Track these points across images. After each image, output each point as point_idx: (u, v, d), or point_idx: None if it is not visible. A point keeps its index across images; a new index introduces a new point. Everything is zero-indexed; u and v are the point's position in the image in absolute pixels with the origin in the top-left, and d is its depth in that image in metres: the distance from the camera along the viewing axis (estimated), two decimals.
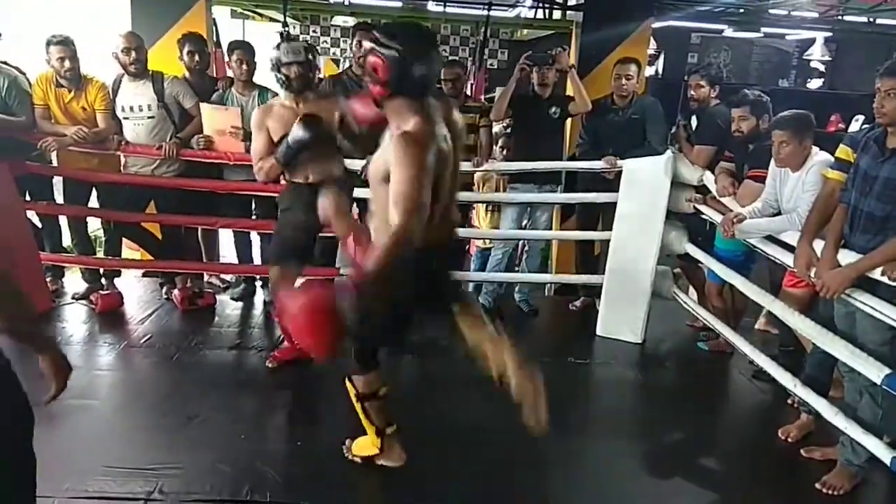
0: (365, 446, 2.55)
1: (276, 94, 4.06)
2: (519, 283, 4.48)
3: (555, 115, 4.15)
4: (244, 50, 3.96)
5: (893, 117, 2.34)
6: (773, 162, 3.11)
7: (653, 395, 3.51)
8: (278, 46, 3.07)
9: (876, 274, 2.37)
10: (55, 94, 3.81)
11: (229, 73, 4.14)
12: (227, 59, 4.03)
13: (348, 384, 2.44)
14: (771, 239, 3.14)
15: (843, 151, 2.69)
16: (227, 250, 4.60)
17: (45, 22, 3.87)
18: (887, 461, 2.41)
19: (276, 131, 3.01)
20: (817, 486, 2.61)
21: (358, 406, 2.45)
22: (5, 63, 3.83)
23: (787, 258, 2.97)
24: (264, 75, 3.90)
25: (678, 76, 7.87)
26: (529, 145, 4.15)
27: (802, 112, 3.02)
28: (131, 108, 3.83)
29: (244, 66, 3.91)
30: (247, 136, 3.84)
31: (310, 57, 3.09)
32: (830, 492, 2.59)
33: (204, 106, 3.88)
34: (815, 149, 3.00)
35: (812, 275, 2.61)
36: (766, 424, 3.14)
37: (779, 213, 3.12)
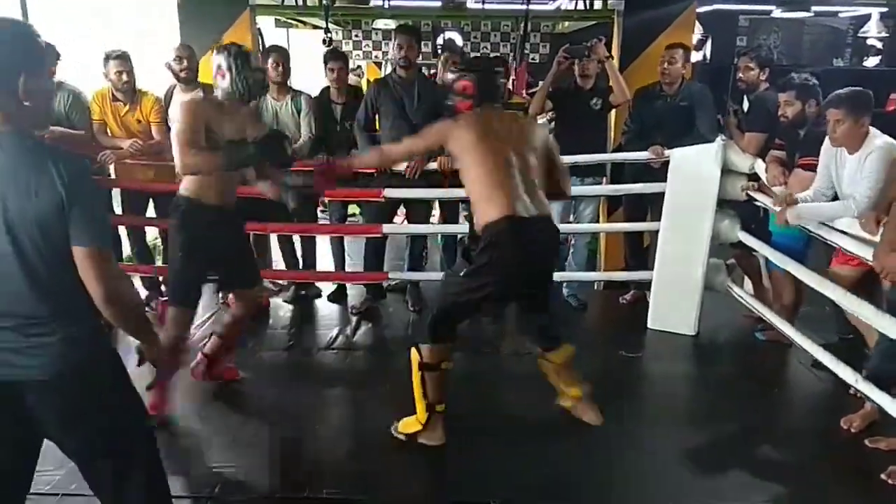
0: (410, 424, 2.68)
1: (310, 97, 4.15)
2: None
3: (596, 107, 4.11)
4: (279, 53, 4.06)
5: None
6: (825, 146, 3.01)
7: (709, 387, 3.44)
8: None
9: None
10: (111, 108, 3.98)
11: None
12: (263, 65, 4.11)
13: (413, 351, 2.57)
14: (828, 224, 3.04)
15: None
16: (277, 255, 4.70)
17: (97, 39, 4.03)
18: None
19: None
20: (883, 476, 2.52)
21: (417, 376, 2.58)
22: (65, 81, 4.01)
23: (845, 243, 2.88)
24: (304, 79, 3.99)
25: (727, 61, 7.66)
26: (571, 138, 4.10)
27: (858, 89, 2.91)
28: None
29: (279, 69, 3.99)
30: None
31: None
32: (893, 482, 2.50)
33: None
34: (873, 130, 2.89)
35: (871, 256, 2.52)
36: (828, 414, 3.05)
37: (834, 199, 3.02)
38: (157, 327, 1.78)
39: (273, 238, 4.56)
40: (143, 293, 4.30)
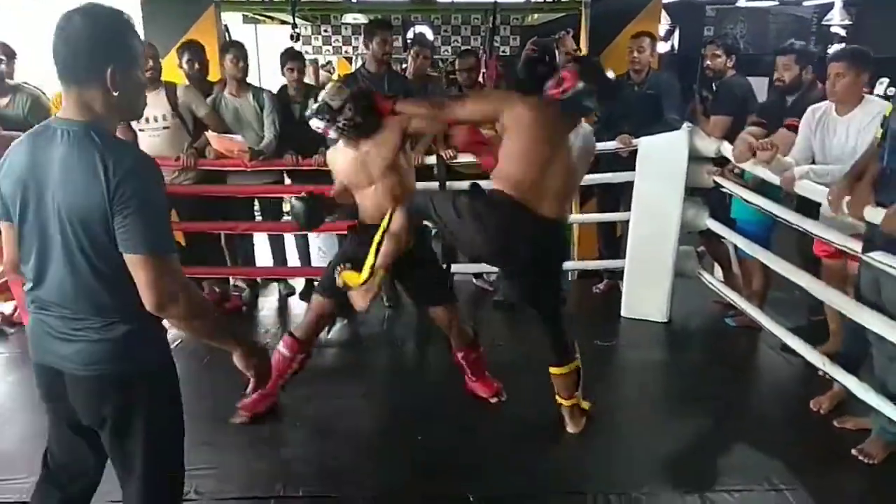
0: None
1: (270, 93, 4.11)
2: None
3: None
4: (237, 49, 4.00)
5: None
6: (808, 113, 3.04)
7: (682, 372, 3.49)
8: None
9: None
10: None
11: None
12: (221, 60, 4.07)
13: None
14: (796, 208, 3.08)
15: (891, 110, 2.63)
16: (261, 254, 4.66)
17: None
18: None
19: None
20: (853, 451, 2.58)
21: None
22: (26, 83, 3.92)
23: (813, 227, 2.92)
24: (272, 76, 3.94)
25: (694, 51, 7.72)
26: None
27: (861, 46, 2.96)
28: (147, 120, 3.85)
29: (239, 65, 3.95)
30: (252, 156, 3.88)
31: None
32: (866, 460, 2.56)
33: (211, 135, 3.90)
34: (867, 96, 2.94)
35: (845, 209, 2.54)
36: (798, 396, 3.11)
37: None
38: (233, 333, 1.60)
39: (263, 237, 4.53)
40: None
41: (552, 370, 2.76)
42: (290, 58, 4.15)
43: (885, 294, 2.51)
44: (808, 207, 3.00)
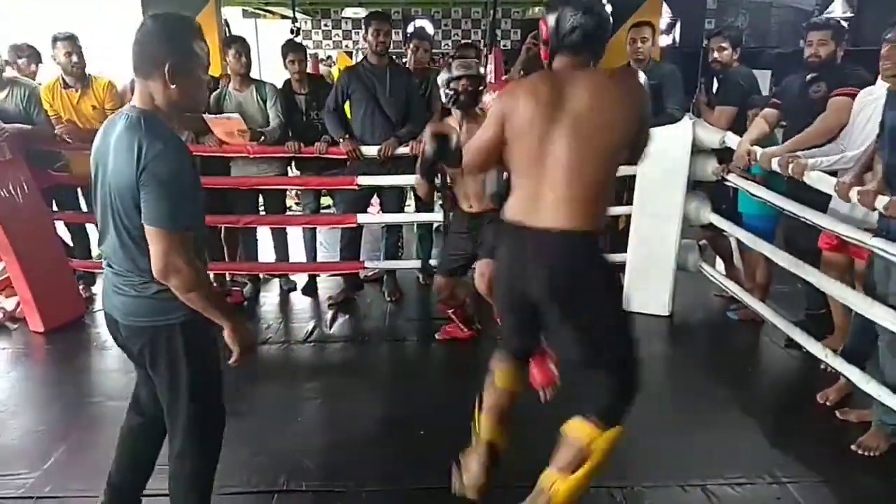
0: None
1: (273, 85, 4.11)
2: None
3: None
4: (240, 44, 4.00)
5: None
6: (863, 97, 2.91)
7: (684, 366, 3.49)
8: (448, 66, 3.20)
9: None
10: (63, 97, 3.92)
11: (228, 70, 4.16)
12: (224, 55, 4.08)
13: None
14: (798, 199, 3.06)
15: None
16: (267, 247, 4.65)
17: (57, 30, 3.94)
18: None
19: None
20: (853, 447, 2.58)
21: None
22: (18, 78, 3.93)
23: (817, 219, 2.92)
24: (270, 70, 3.92)
25: (696, 44, 7.72)
26: None
27: None
28: None
29: (242, 60, 3.95)
30: (254, 137, 3.88)
31: (480, 71, 3.21)
32: (866, 453, 2.56)
33: (208, 117, 3.91)
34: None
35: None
36: (801, 389, 3.12)
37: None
38: (227, 308, 1.80)
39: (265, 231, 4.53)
40: None
41: (586, 430, 2.03)
42: (291, 49, 4.14)
43: (892, 280, 2.51)
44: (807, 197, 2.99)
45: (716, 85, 3.91)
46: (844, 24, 3.50)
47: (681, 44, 8.59)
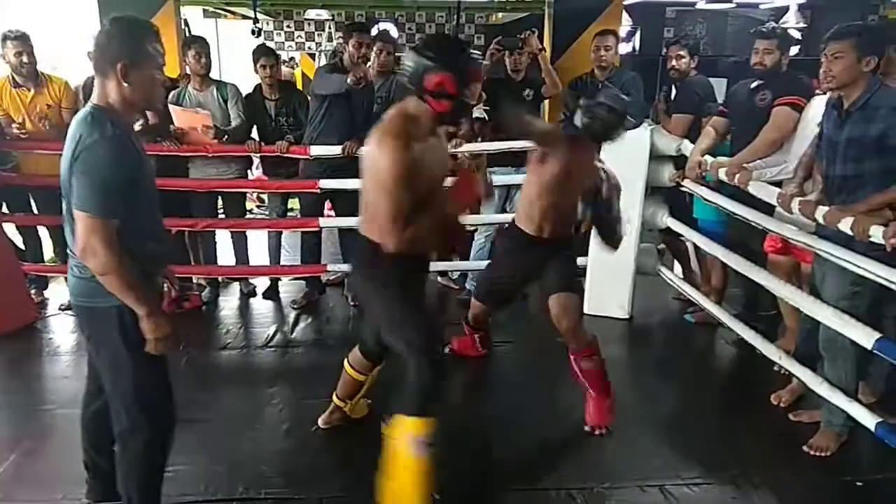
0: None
1: (235, 87, 4.06)
2: None
3: (528, 97, 4.16)
4: (200, 44, 3.94)
5: (842, 80, 2.37)
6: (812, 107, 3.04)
7: (642, 368, 3.55)
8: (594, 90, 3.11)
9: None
10: (13, 96, 3.81)
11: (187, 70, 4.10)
12: (184, 56, 4.01)
13: None
14: (746, 202, 3.14)
15: None
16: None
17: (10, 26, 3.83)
18: (871, 427, 2.46)
19: None
20: (805, 448, 2.65)
21: None
22: None
23: (766, 223, 3.00)
24: (230, 71, 3.87)
25: (655, 52, 7.85)
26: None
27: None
28: None
29: (202, 60, 3.90)
30: (218, 134, 3.84)
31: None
32: (818, 453, 2.63)
33: (174, 108, 3.86)
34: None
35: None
36: (755, 390, 3.19)
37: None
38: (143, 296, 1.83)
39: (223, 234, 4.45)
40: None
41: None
42: (263, 54, 4.11)
43: (826, 283, 2.61)
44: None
45: (674, 93, 3.99)
46: (792, 33, 3.60)
47: (641, 52, 8.74)
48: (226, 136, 3.89)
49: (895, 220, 2.23)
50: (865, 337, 2.41)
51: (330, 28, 8.93)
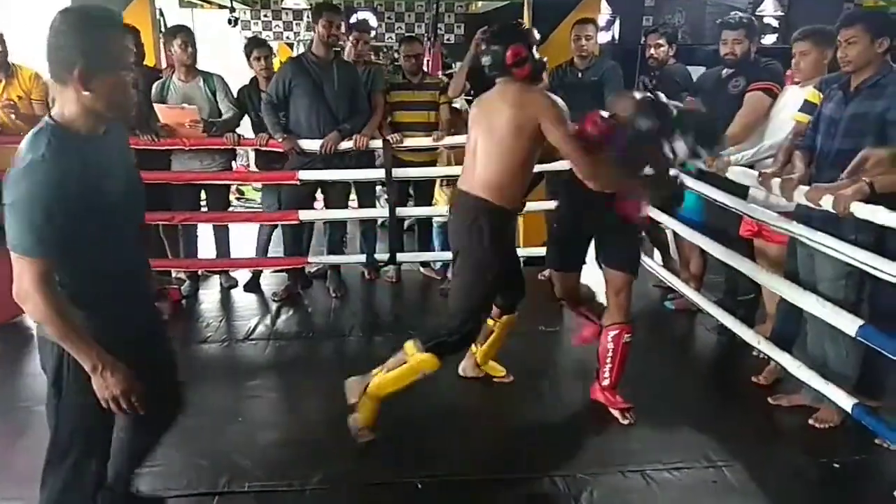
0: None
1: (221, 78, 4.01)
2: None
3: None
4: (186, 34, 3.90)
5: (858, 63, 2.43)
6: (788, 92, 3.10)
7: None
8: None
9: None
10: None
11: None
12: (169, 46, 3.97)
13: None
14: (724, 188, 3.19)
15: (814, 95, 2.78)
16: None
17: None
18: (848, 408, 2.49)
19: None
20: (810, 421, 2.72)
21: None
22: None
23: (744, 208, 3.04)
24: (206, 61, 3.83)
25: (635, 41, 7.86)
26: None
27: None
28: None
29: (189, 50, 3.85)
30: (207, 127, 3.80)
31: None
32: (822, 426, 2.70)
33: (159, 107, 3.80)
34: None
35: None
36: (735, 375, 3.24)
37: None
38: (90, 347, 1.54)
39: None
40: None
41: (411, 346, 2.56)
42: (257, 46, 4.09)
43: (818, 267, 2.62)
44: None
45: (653, 81, 4.00)
46: (769, 21, 3.65)
47: (620, 40, 8.75)
48: (214, 129, 3.85)
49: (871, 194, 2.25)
50: (849, 323, 2.44)
51: (308, 17, 8.84)
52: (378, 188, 4.80)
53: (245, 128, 4.19)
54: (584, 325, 3.22)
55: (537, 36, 2.61)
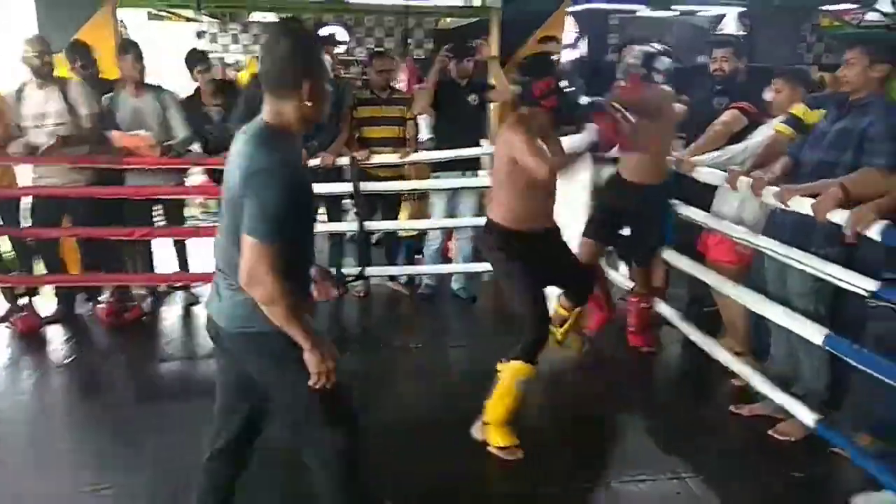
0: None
1: (173, 94, 3.98)
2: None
3: (473, 102, 4.19)
4: (136, 48, 3.88)
5: (854, 84, 2.52)
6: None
7: (587, 368, 3.57)
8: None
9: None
10: None
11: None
12: (120, 61, 3.94)
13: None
14: (689, 202, 3.28)
15: (799, 109, 2.86)
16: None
17: None
18: (811, 424, 2.53)
19: None
20: (770, 432, 2.75)
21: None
22: None
23: (712, 223, 3.11)
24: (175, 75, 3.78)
25: (601, 57, 8.00)
26: (449, 133, 4.19)
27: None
28: (42, 116, 3.67)
29: (140, 65, 3.83)
30: (163, 152, 3.78)
31: None
32: (783, 438, 2.72)
33: (112, 134, 3.78)
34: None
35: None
36: (699, 388, 3.29)
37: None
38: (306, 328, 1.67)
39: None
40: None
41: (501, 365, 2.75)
42: (199, 60, 4.04)
43: (789, 280, 2.67)
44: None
45: None
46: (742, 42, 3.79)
47: (588, 56, 8.88)
48: (172, 151, 3.83)
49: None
50: (815, 333, 2.48)
51: None
52: (345, 201, 4.78)
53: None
54: (593, 315, 3.61)
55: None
